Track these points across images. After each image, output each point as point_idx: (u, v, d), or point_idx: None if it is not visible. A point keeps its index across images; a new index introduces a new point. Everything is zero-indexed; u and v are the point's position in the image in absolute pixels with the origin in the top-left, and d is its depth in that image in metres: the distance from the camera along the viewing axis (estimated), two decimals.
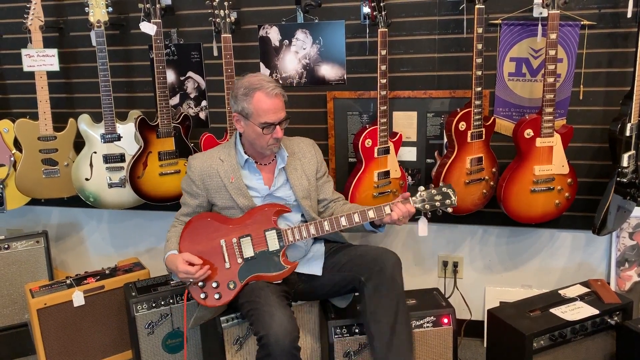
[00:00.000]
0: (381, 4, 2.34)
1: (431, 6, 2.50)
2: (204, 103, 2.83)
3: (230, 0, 2.47)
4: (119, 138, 2.69)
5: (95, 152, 2.69)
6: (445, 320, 2.26)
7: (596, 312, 2.24)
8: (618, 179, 2.35)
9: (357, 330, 2.21)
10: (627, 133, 2.30)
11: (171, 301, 2.53)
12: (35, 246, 2.90)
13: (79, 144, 2.76)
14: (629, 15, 2.30)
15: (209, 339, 2.40)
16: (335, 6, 2.58)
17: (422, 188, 2.13)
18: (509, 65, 2.49)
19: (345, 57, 2.61)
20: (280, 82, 2.70)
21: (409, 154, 2.68)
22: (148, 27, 2.53)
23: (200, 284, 2.11)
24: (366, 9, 2.41)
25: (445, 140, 2.58)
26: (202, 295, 2.12)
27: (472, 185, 2.47)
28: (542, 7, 2.33)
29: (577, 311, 2.25)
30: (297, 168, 2.24)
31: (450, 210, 2.13)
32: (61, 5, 2.85)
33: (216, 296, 2.11)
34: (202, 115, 2.84)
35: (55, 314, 2.55)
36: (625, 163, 2.33)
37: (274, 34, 2.66)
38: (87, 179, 2.71)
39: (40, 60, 2.68)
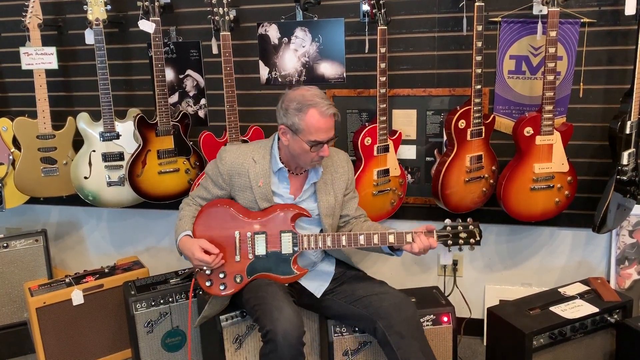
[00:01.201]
0: (380, 2, 2.33)
1: (431, 4, 2.49)
2: (203, 101, 2.82)
3: None
4: (117, 136, 2.68)
5: (94, 151, 2.68)
6: (445, 319, 2.26)
7: (596, 310, 2.24)
8: (618, 176, 2.34)
9: (356, 329, 2.21)
10: (627, 131, 2.29)
11: (170, 300, 2.53)
12: (35, 245, 2.89)
13: (77, 142, 2.76)
14: (631, 12, 2.29)
15: (209, 338, 2.40)
16: (334, 4, 2.57)
17: (448, 221, 2.05)
18: (508, 62, 2.48)
19: (344, 55, 2.61)
20: (280, 80, 2.69)
21: (409, 152, 2.68)
22: (147, 25, 2.52)
23: (208, 271, 2.11)
24: (365, 7, 2.40)
25: (445, 138, 2.57)
26: (208, 283, 2.11)
27: (471, 183, 2.46)
28: (542, 5, 2.32)
29: (577, 309, 2.25)
30: (327, 182, 2.19)
31: (472, 249, 2.08)
32: (60, 3, 2.84)
33: (221, 287, 2.11)
34: (201, 113, 2.84)
35: (54, 312, 2.55)
36: (625, 161, 2.33)
37: (273, 32, 2.66)
38: (86, 178, 2.70)
39: (38, 58, 2.67)
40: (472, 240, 2.05)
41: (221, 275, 2.11)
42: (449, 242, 2.05)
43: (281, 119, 2.07)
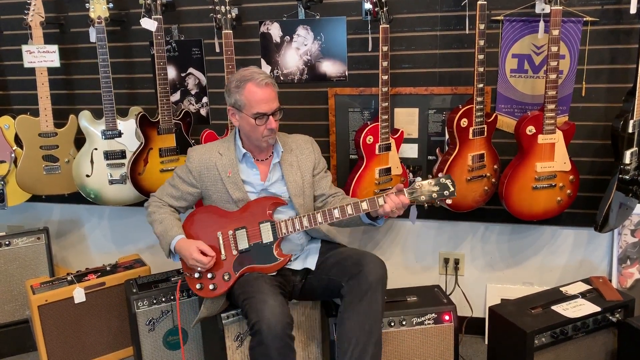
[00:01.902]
0: (383, 0, 2.33)
1: (433, 2, 2.49)
2: (205, 99, 2.82)
3: None
4: (119, 134, 2.68)
5: (96, 149, 2.69)
6: (447, 317, 2.26)
7: (598, 309, 2.24)
8: (620, 176, 2.34)
9: None
10: (630, 130, 2.29)
11: (172, 298, 2.52)
12: (36, 243, 2.90)
13: (79, 140, 2.76)
14: (633, 11, 2.28)
15: (210, 336, 2.40)
16: (336, 2, 2.57)
17: (419, 179, 2.08)
18: (511, 61, 2.48)
19: (346, 53, 2.61)
20: (282, 78, 2.69)
21: (411, 150, 2.68)
22: (149, 23, 2.52)
23: (196, 275, 2.13)
24: (368, 5, 2.40)
25: (447, 137, 2.57)
26: (198, 286, 2.13)
27: (473, 182, 2.46)
28: (544, 3, 2.32)
29: (579, 308, 2.25)
30: (293, 164, 2.24)
31: (449, 201, 2.07)
32: (62, 1, 2.84)
33: (211, 287, 2.13)
34: (203, 111, 2.84)
35: (56, 310, 2.55)
36: (627, 160, 2.33)
37: (275, 30, 2.65)
38: (87, 176, 2.71)
39: (40, 56, 2.68)
40: (446, 193, 2.04)
41: (210, 276, 2.13)
42: (422, 197, 2.05)
43: (227, 101, 2.16)
